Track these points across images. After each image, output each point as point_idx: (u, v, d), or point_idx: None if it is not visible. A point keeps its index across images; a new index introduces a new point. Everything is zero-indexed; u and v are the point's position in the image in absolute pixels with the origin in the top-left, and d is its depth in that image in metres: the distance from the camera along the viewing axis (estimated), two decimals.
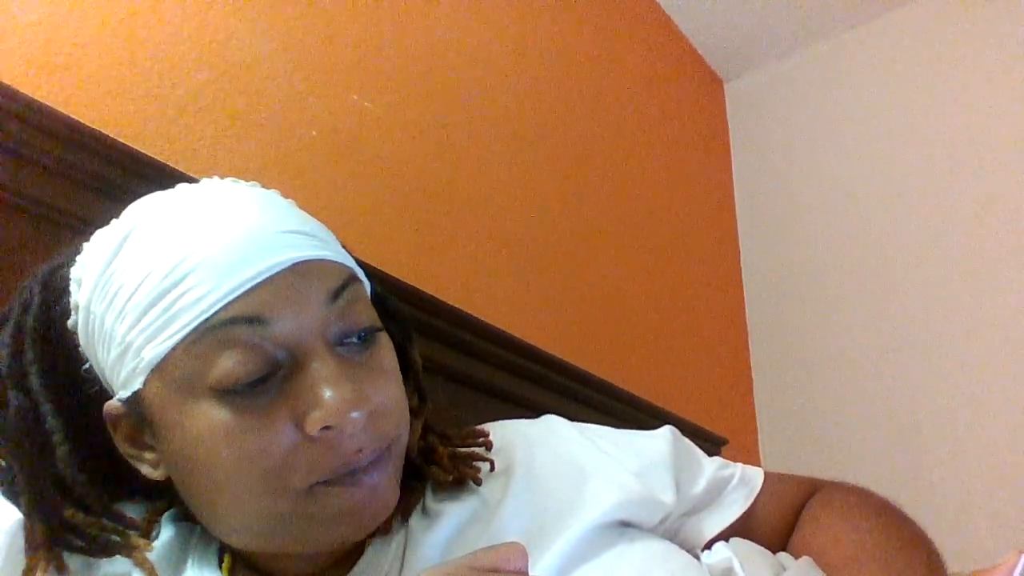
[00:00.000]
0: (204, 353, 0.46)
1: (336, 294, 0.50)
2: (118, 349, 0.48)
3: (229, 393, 0.46)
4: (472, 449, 0.61)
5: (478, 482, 0.57)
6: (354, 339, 0.51)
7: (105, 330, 0.49)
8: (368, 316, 0.52)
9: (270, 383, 0.47)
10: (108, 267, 0.49)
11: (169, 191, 0.53)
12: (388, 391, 0.51)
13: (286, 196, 0.56)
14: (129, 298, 0.47)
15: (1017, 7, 1.85)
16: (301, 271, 0.49)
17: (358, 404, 0.47)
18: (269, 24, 1.04)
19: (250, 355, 0.46)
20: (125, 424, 0.52)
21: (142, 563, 0.51)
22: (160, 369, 0.47)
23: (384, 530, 0.55)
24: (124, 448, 0.52)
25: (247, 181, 0.56)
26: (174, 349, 0.46)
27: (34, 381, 0.50)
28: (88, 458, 0.52)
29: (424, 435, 0.61)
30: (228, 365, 0.46)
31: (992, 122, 1.83)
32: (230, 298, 0.46)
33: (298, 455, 0.47)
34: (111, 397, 0.51)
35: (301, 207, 0.56)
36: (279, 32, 1.05)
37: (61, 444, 0.50)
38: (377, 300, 0.58)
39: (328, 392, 0.46)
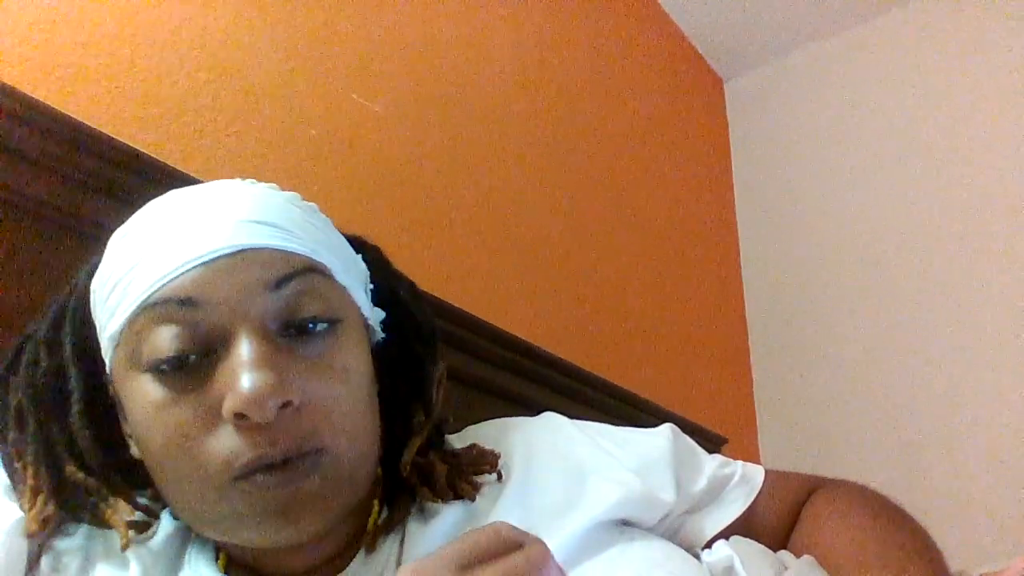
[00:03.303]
0: (141, 330, 0.48)
1: (280, 283, 0.49)
2: (97, 327, 0.53)
3: (161, 372, 0.48)
4: (476, 466, 0.59)
5: (472, 499, 0.56)
6: (296, 330, 0.50)
7: (96, 310, 0.53)
8: (319, 308, 0.51)
9: (201, 365, 0.48)
10: (108, 256, 0.52)
11: (181, 189, 0.54)
12: (327, 389, 0.49)
13: None
14: (106, 282, 0.51)
15: (1016, 7, 1.85)
16: (244, 257, 0.49)
17: (275, 393, 0.45)
18: (269, 24, 1.04)
19: (180, 334, 0.47)
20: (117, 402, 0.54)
21: (117, 525, 0.52)
22: (117, 346, 0.50)
23: (369, 547, 0.54)
24: (123, 427, 0.54)
25: (246, 181, 0.56)
26: (123, 326, 0.49)
27: (67, 349, 0.54)
28: (100, 430, 0.54)
29: (425, 451, 0.59)
30: (158, 342, 0.48)
31: (992, 121, 1.83)
32: (167, 279, 0.48)
33: (216, 441, 0.47)
34: None
35: None
36: (279, 32, 1.05)
37: (77, 402, 0.53)
38: (405, 311, 0.60)
39: (244, 377, 0.45)
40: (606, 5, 1.83)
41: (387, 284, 0.62)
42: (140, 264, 0.49)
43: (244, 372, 0.46)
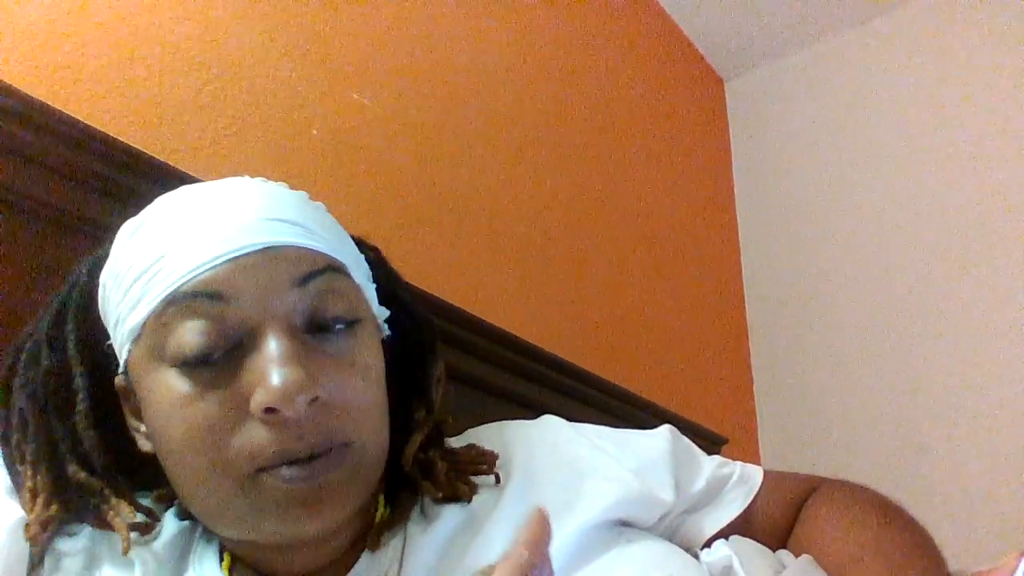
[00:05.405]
0: (168, 323, 0.48)
1: (305, 280, 0.50)
2: (113, 320, 0.52)
3: (186, 365, 0.48)
4: (474, 465, 0.59)
5: (469, 500, 0.56)
6: (324, 328, 0.51)
7: (110, 304, 0.52)
8: (343, 308, 0.52)
9: (227, 359, 0.48)
10: (122, 249, 0.52)
11: (194, 185, 0.55)
12: (350, 386, 0.50)
13: None
14: (125, 275, 0.51)
15: (1016, 7, 1.85)
16: (272, 255, 0.50)
17: (304, 388, 0.46)
18: (269, 24, 1.04)
19: (208, 328, 0.48)
20: (129, 397, 0.54)
21: (120, 528, 0.52)
22: (138, 338, 0.50)
23: (373, 545, 0.54)
24: (129, 421, 0.54)
25: (256, 179, 0.57)
26: (147, 319, 0.49)
27: (71, 347, 0.54)
28: (104, 429, 0.54)
29: (425, 448, 0.59)
30: (186, 336, 0.47)
31: (992, 121, 1.83)
32: (196, 273, 0.48)
33: (242, 435, 0.47)
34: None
35: None
36: (279, 32, 1.05)
37: (83, 401, 0.53)
38: (405, 309, 0.60)
39: (275, 373, 0.46)
40: (606, 5, 1.83)
41: (387, 283, 0.62)
42: (166, 257, 0.49)
43: (274, 368, 0.46)
